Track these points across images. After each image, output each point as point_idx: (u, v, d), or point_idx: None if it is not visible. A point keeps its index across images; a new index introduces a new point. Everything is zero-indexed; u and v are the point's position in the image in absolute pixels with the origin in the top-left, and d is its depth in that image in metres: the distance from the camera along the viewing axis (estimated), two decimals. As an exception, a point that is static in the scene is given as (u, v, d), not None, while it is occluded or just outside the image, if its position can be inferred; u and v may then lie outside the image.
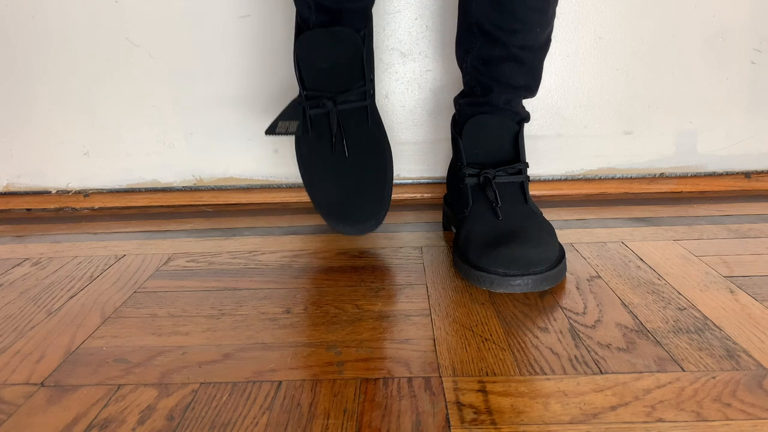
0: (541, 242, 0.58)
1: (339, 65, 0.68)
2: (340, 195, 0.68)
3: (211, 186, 0.99)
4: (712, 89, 0.92)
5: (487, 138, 0.67)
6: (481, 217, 0.63)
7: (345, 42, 0.67)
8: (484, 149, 0.67)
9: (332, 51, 0.68)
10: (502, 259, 0.56)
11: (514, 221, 0.61)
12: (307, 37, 0.67)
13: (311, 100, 0.69)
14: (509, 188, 0.65)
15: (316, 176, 0.70)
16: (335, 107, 0.69)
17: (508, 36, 0.63)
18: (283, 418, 0.38)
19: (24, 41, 0.92)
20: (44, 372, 0.45)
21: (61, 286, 0.63)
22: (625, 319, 0.50)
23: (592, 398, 0.39)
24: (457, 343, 0.47)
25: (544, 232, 0.60)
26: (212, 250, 0.73)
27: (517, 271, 0.55)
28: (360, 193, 0.68)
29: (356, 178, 0.68)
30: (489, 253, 0.57)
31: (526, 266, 0.55)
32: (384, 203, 0.68)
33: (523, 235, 0.59)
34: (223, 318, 0.54)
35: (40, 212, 0.98)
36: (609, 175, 0.96)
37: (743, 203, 0.86)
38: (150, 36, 0.92)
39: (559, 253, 0.59)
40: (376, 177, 0.69)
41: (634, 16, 0.89)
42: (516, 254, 0.56)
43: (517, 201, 0.64)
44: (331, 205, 0.68)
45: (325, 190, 0.69)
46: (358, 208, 0.67)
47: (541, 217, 0.64)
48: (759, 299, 0.53)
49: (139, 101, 0.95)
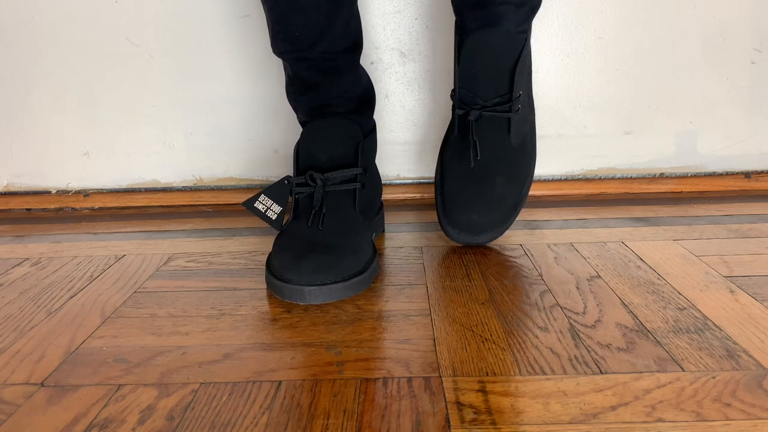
0: (514, 179, 0.67)
1: (335, 156, 0.65)
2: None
3: (211, 186, 0.99)
4: (712, 89, 0.92)
5: (485, 64, 0.67)
6: (460, 155, 0.68)
7: (342, 134, 0.66)
8: (478, 76, 0.67)
9: (332, 140, 0.66)
10: (459, 213, 0.65)
11: (488, 162, 0.67)
12: (312, 126, 0.66)
13: (300, 185, 0.64)
14: (494, 122, 0.68)
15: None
16: (323, 185, 0.63)
17: None
18: (283, 418, 0.38)
19: (24, 41, 0.92)
20: (44, 372, 0.45)
21: (61, 286, 0.63)
22: (625, 319, 0.50)
23: (592, 398, 0.39)
24: (457, 343, 0.47)
25: (520, 166, 0.68)
26: (212, 250, 0.73)
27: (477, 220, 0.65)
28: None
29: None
30: (455, 200, 0.65)
31: (500, 219, 0.66)
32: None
33: (493, 174, 0.66)
34: (223, 318, 0.54)
35: (40, 212, 0.98)
36: (609, 175, 0.96)
37: (743, 203, 0.86)
38: (150, 36, 0.92)
39: (518, 197, 0.69)
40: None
41: (634, 16, 0.89)
42: (473, 218, 0.65)
43: (499, 135, 0.68)
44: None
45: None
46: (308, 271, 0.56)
47: (522, 148, 0.69)
48: (759, 299, 0.53)
49: (139, 101, 0.95)
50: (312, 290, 0.54)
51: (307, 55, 0.65)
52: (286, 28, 0.63)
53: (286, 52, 0.66)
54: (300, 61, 0.66)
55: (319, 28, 0.63)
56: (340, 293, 0.55)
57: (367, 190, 0.67)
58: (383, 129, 0.95)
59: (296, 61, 0.66)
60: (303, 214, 0.63)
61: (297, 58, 0.66)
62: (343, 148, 0.65)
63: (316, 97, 0.68)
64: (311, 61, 0.65)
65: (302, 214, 0.63)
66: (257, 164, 0.97)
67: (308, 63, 0.66)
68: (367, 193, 0.67)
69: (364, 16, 0.90)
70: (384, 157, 0.96)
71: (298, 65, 0.66)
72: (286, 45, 0.65)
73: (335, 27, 0.64)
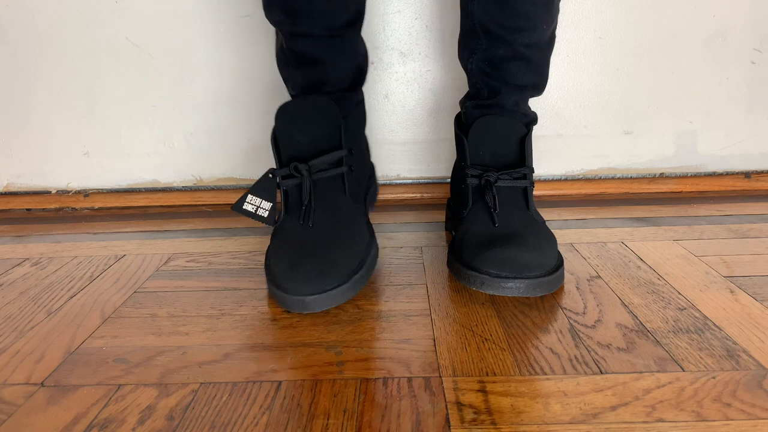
0: (537, 248, 0.56)
1: (317, 141, 0.61)
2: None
3: (211, 186, 0.99)
4: (712, 89, 0.92)
5: (493, 139, 0.65)
6: (479, 219, 0.61)
7: (321, 115, 0.61)
8: (489, 151, 0.65)
9: (311, 122, 0.61)
10: (494, 260, 0.54)
11: (512, 226, 0.59)
12: (286, 109, 0.61)
13: (286, 177, 0.61)
14: (511, 193, 0.62)
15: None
16: (309, 176, 0.60)
17: (513, 35, 0.62)
18: (283, 418, 0.38)
19: (24, 41, 0.92)
20: (44, 372, 0.45)
21: (61, 286, 0.63)
22: (625, 319, 0.50)
23: (592, 398, 0.39)
24: (457, 343, 0.47)
25: (542, 239, 0.59)
26: (212, 250, 0.73)
27: (509, 273, 0.53)
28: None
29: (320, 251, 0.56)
30: (483, 253, 0.55)
31: (519, 269, 0.53)
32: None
33: (519, 239, 0.57)
34: (223, 318, 0.54)
35: (40, 212, 0.98)
36: (609, 175, 0.96)
37: (743, 203, 0.86)
38: (150, 36, 0.92)
39: (557, 261, 0.58)
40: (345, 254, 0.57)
41: (634, 16, 0.89)
42: (510, 256, 0.54)
43: (517, 207, 0.62)
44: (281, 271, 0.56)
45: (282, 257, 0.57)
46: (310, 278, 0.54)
47: (543, 225, 0.62)
48: (759, 299, 0.53)
49: (139, 101, 0.95)
50: (314, 299, 0.52)
51: (306, 30, 0.59)
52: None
53: (281, 22, 0.60)
54: (297, 36, 0.60)
55: (322, 4, 0.58)
56: (342, 296, 0.54)
57: (356, 170, 0.64)
58: (383, 129, 0.95)
59: (293, 36, 0.60)
60: (294, 208, 0.61)
61: (294, 33, 0.60)
62: (323, 130, 0.61)
63: (312, 74, 0.62)
64: (311, 38, 0.60)
65: (293, 207, 0.61)
66: (257, 164, 0.97)
67: (307, 39, 0.60)
68: (356, 174, 0.64)
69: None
70: (384, 157, 0.96)
71: (294, 40, 0.60)
72: (282, 15, 0.59)
73: (336, 3, 0.59)
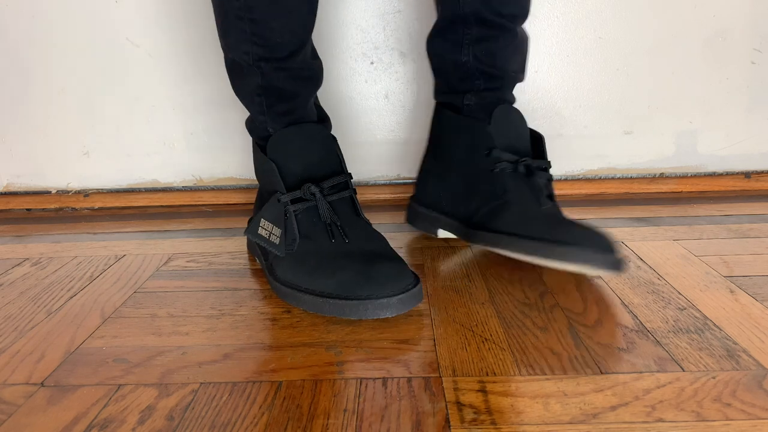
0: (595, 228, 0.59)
1: (322, 165, 0.60)
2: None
3: (211, 186, 0.99)
4: (712, 89, 0.92)
5: (512, 129, 0.66)
6: (526, 200, 0.63)
7: (320, 140, 0.61)
8: (508, 141, 0.66)
9: (311, 151, 0.60)
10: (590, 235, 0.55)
11: (553, 209, 0.64)
12: (281, 139, 0.60)
13: (295, 202, 0.58)
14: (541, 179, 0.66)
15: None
16: (324, 197, 0.58)
17: (512, 22, 0.62)
18: (283, 418, 0.38)
19: (24, 41, 0.92)
20: (44, 372, 0.45)
21: (61, 286, 0.63)
22: (625, 319, 0.50)
23: (592, 398, 0.39)
24: (457, 343, 0.47)
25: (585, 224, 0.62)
26: (212, 250, 0.73)
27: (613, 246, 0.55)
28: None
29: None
30: (573, 228, 0.56)
31: (611, 242, 0.55)
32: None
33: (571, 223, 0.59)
34: (223, 318, 0.54)
35: (40, 212, 0.98)
36: (609, 175, 0.96)
37: (743, 203, 0.86)
38: (150, 36, 0.92)
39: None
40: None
41: (634, 16, 0.89)
42: (600, 231, 0.56)
43: (546, 197, 0.66)
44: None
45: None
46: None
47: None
48: (759, 299, 0.53)
49: (139, 101, 0.95)
50: (401, 299, 0.49)
51: (288, 64, 0.59)
52: (266, 32, 0.56)
53: (263, 60, 0.58)
54: (279, 71, 0.59)
55: (301, 35, 0.58)
56: (419, 296, 0.51)
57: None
58: (383, 129, 0.95)
59: (275, 71, 0.59)
60: (311, 231, 0.57)
61: (276, 68, 0.59)
62: (325, 155, 0.60)
63: (292, 108, 0.61)
64: (291, 71, 0.59)
65: (311, 231, 0.57)
66: (257, 164, 0.97)
67: (287, 72, 0.59)
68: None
69: (364, 17, 0.90)
70: (384, 157, 0.96)
71: (276, 74, 0.59)
72: (263, 51, 0.57)
73: (310, 31, 0.59)
